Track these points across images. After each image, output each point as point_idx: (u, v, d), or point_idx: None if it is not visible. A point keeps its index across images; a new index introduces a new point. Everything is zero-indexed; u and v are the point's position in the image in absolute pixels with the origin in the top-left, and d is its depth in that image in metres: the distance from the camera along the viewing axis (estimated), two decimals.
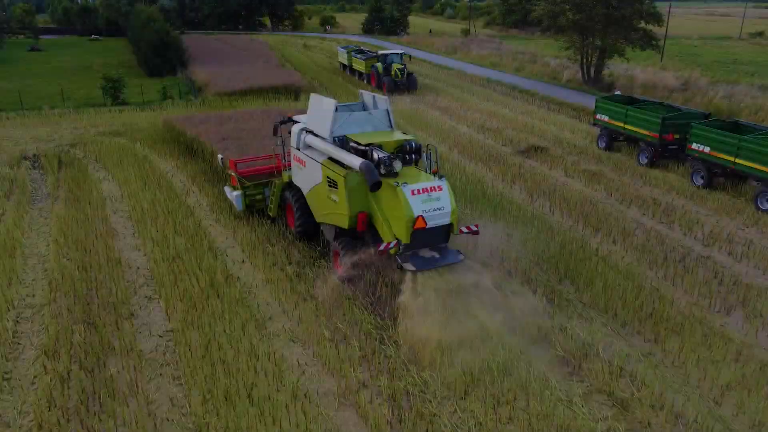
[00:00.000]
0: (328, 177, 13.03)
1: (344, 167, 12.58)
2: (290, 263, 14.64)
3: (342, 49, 47.65)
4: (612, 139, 24.77)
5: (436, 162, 13.11)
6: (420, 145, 13.11)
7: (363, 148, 12.63)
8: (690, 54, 62.25)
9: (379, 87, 39.14)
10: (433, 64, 53.04)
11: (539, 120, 30.56)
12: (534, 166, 22.79)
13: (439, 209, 11.59)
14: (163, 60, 46.44)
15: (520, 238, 15.93)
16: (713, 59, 57.88)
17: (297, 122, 15.19)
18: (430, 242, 11.91)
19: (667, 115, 21.93)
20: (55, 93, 37.70)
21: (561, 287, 13.62)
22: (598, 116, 25.16)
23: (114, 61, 56.91)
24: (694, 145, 20.38)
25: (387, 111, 14.17)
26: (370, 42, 70.37)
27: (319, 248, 15.38)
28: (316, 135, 13.91)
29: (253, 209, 17.41)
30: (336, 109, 13.68)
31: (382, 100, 14.39)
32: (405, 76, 38.19)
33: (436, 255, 11.80)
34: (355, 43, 64.53)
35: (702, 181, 20.16)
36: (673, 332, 11.74)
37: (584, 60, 39.86)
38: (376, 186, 11.43)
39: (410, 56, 43.18)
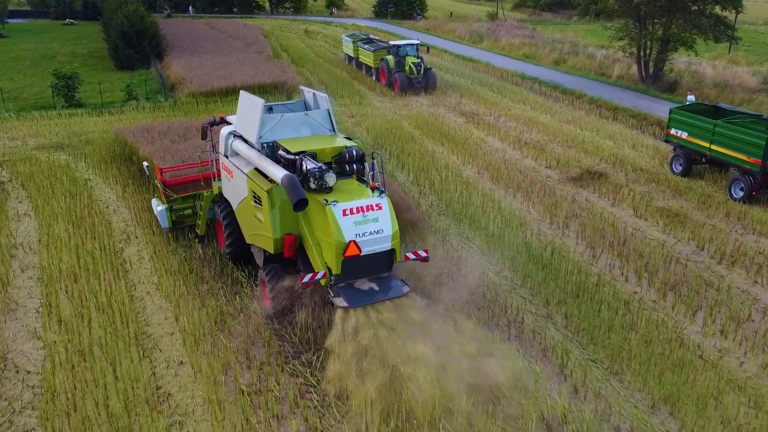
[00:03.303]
0: (253, 191, 12.09)
1: (270, 180, 11.63)
2: (250, 367, 10.96)
3: (347, 38, 43.89)
4: (691, 162, 20.80)
5: (381, 173, 11.87)
6: (363, 153, 12.05)
7: (292, 157, 11.52)
8: (758, 43, 57.78)
9: (390, 85, 35.38)
10: (455, 55, 49.12)
11: (590, 131, 26.59)
12: (591, 199, 18.89)
13: (377, 232, 10.67)
14: (135, 50, 42.93)
15: (585, 326, 12.12)
16: None
17: (230, 124, 14.13)
18: (368, 272, 10.99)
19: None
20: (3, 90, 34.30)
21: (655, 419, 9.78)
22: (673, 131, 21.20)
23: (83, 50, 53.63)
24: None
25: (328, 111, 13.24)
26: (382, 28, 66.62)
27: (296, 336, 11.67)
28: (246, 140, 13.00)
29: (181, 226, 16.12)
30: (270, 110, 13.20)
31: (323, 98, 13.42)
32: (422, 71, 34.36)
33: (375, 287, 10.92)
34: (364, 30, 60.83)
35: None
36: None
37: (642, 53, 35.74)
38: (300, 204, 10.43)
39: (428, 47, 39.31)
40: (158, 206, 15.94)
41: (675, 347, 11.48)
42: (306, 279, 10.71)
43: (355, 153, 11.87)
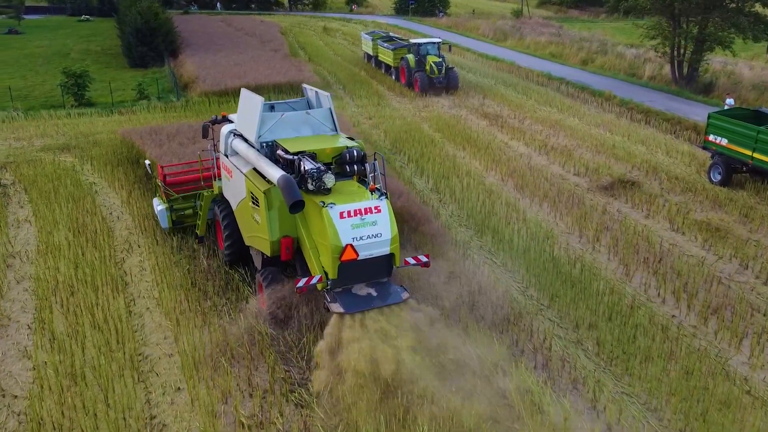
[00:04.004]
0: (251, 192, 12.04)
1: (268, 181, 11.57)
2: (252, 395, 10.28)
3: (366, 36, 43.24)
4: (731, 171, 19.74)
5: (383, 174, 11.62)
6: (364, 153, 11.85)
7: (291, 157, 11.37)
8: None
9: (410, 85, 34.62)
10: (478, 53, 48.19)
11: (621, 135, 25.58)
12: (623, 211, 17.95)
13: (375, 236, 10.47)
14: (149, 48, 42.64)
15: (619, 354, 11.27)
16: None
17: (232, 122, 14.07)
18: (367, 277, 10.80)
19: None
20: (13, 88, 34.15)
21: None
22: (712, 137, 20.17)
23: (97, 47, 53.61)
24: None
25: (330, 110, 13.14)
26: (403, 26, 65.89)
27: (302, 360, 10.98)
28: (245, 139, 12.94)
29: (181, 226, 16.04)
30: (272, 108, 13.23)
31: (325, 97, 13.31)
32: (443, 71, 33.55)
33: (373, 293, 10.76)
34: (384, 27, 60.16)
35: None
36: None
37: (675, 52, 34.54)
38: (296, 206, 10.31)
39: (450, 46, 38.52)
40: (159, 205, 15.93)
41: (720, 381, 10.58)
42: (301, 284, 10.50)
43: (355, 153, 11.64)
